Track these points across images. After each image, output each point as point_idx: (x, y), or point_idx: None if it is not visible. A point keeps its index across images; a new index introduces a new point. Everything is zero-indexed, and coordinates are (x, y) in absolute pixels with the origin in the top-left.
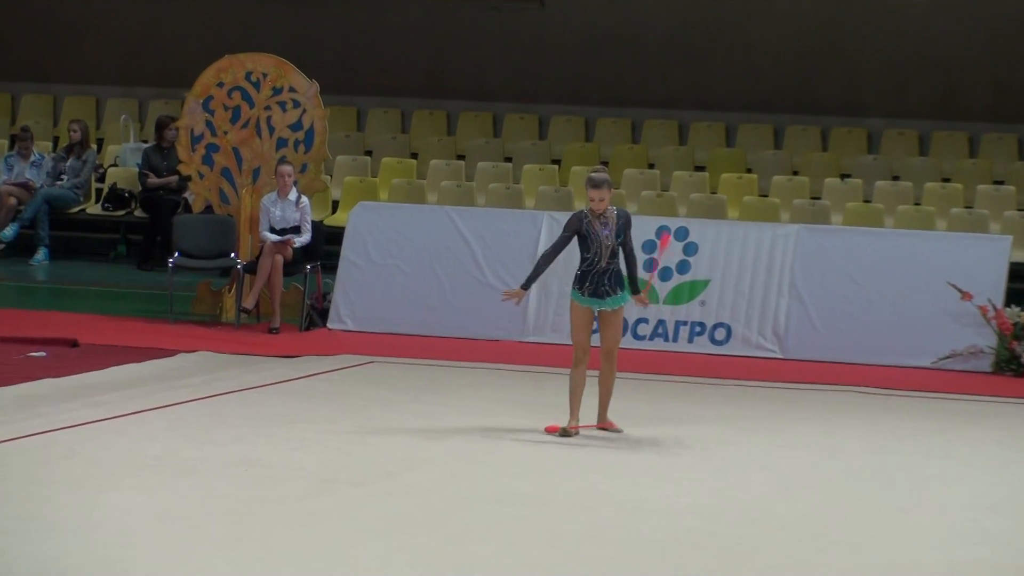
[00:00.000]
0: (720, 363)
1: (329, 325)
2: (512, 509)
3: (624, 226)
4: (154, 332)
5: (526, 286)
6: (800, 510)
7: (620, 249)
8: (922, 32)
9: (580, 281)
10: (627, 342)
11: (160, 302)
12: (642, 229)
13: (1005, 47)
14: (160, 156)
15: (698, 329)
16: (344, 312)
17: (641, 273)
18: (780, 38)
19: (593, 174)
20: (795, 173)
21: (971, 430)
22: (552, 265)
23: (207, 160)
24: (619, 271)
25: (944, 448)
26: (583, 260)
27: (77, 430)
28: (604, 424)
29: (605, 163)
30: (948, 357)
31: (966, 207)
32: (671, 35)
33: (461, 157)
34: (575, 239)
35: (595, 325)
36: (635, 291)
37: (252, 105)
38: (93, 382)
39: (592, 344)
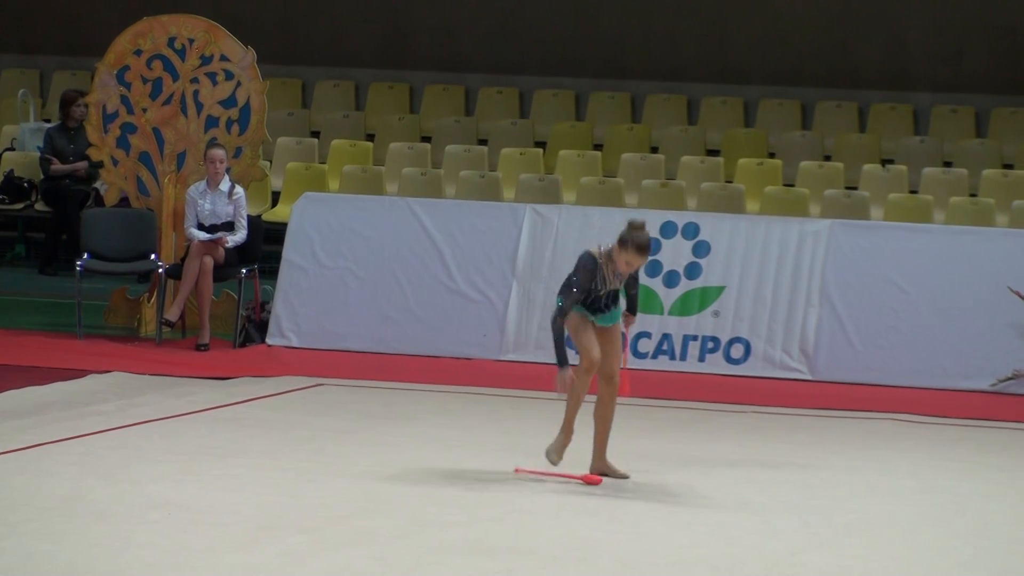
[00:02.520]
0: (737, 385)
1: (268, 341)
2: (488, 562)
3: (634, 277)
4: (59, 349)
5: (563, 364)
6: (837, 563)
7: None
8: None
9: (583, 302)
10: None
11: (66, 313)
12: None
13: None
14: (66, 138)
15: (711, 345)
16: (286, 325)
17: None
18: None
19: (637, 233)
20: (827, 158)
21: None
22: (537, 270)
23: (122, 143)
24: (617, 292)
25: (1007, 488)
26: (580, 291)
27: None
28: (603, 470)
29: (599, 146)
30: (1010, 379)
31: None
32: None
33: (426, 139)
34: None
35: None
36: (631, 311)
37: (176, 77)
38: None
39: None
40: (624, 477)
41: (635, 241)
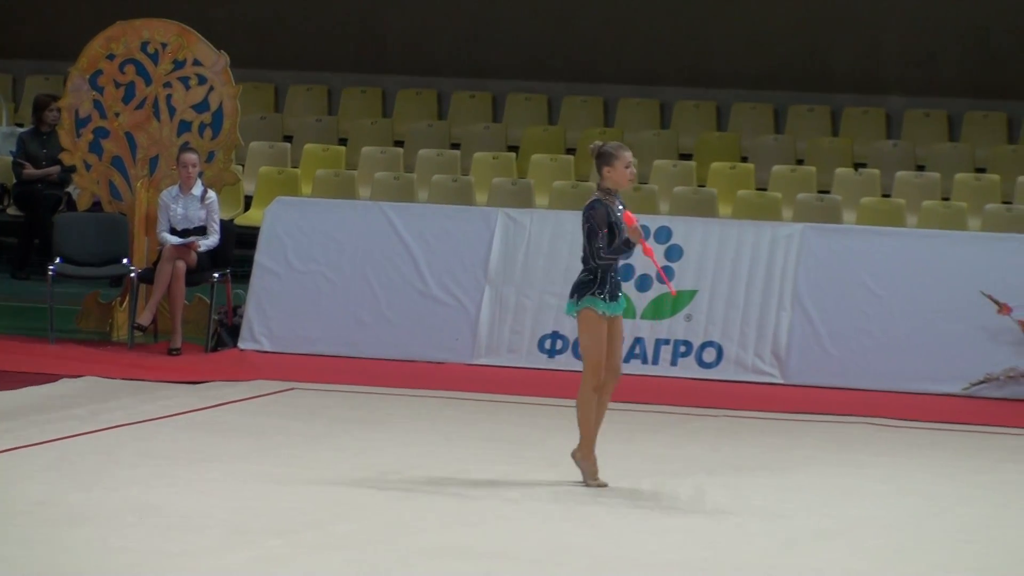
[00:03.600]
0: (709, 390)
1: (240, 345)
2: (464, 565)
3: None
4: (31, 353)
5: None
6: (810, 566)
7: None
8: None
9: (600, 285)
10: None
11: (38, 317)
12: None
13: None
14: (38, 143)
15: (683, 349)
16: (259, 329)
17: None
18: (782, 0)
19: (606, 143)
20: (799, 162)
21: (1011, 469)
22: (509, 274)
23: (95, 147)
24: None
25: (979, 491)
26: (602, 258)
27: None
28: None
29: (571, 150)
30: (983, 382)
31: (1004, 202)
32: None
33: (399, 143)
34: (587, 237)
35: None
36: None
37: (149, 81)
38: None
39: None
40: (602, 485)
41: (612, 145)
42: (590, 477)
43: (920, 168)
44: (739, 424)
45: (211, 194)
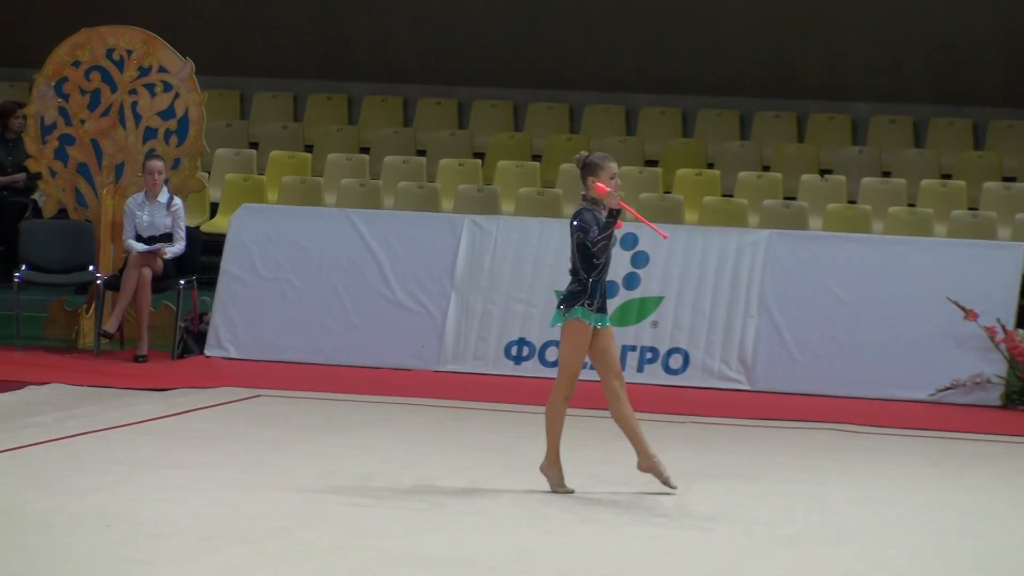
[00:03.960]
0: (676, 396)
1: (207, 352)
2: (428, 573)
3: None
4: None
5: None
6: (775, 573)
7: None
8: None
9: (590, 295)
10: None
11: (4, 324)
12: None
13: (1017, 17)
14: (4, 150)
15: (649, 355)
16: (225, 336)
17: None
18: (747, 6)
19: (591, 154)
20: (765, 168)
21: (976, 475)
22: (476, 280)
23: (60, 154)
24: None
25: (944, 497)
26: (592, 268)
27: None
28: (650, 467)
29: (537, 157)
30: (949, 388)
31: (970, 208)
32: (618, 4)
33: (365, 150)
34: (576, 247)
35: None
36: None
37: (114, 88)
38: None
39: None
40: (569, 492)
41: (597, 156)
42: (557, 484)
43: (886, 174)
44: (705, 431)
45: (177, 201)
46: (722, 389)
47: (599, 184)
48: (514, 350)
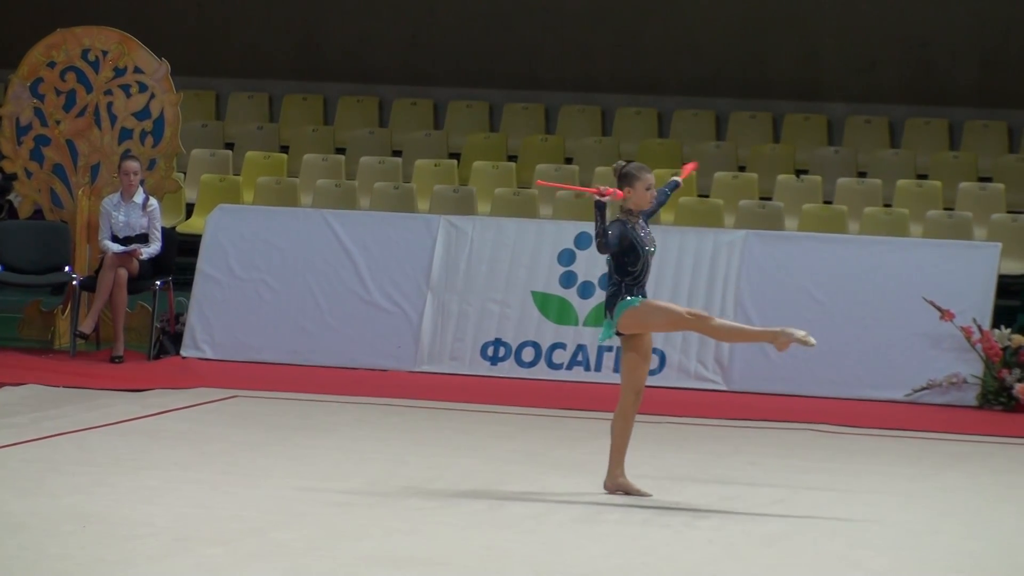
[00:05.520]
0: (652, 396)
1: (183, 352)
2: (404, 573)
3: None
4: None
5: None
6: (752, 573)
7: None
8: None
9: (628, 289)
10: (540, 372)
11: None
12: (559, 237)
13: (992, 18)
14: None
15: None
16: (201, 337)
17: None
18: (723, 6)
19: (628, 164)
20: (741, 169)
21: (952, 475)
22: (452, 281)
23: (36, 155)
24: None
25: (920, 497)
26: (628, 275)
27: None
28: (618, 485)
29: (513, 157)
30: (925, 388)
31: (946, 209)
32: (593, 3)
33: (341, 151)
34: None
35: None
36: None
37: (90, 89)
38: None
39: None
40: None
41: (634, 166)
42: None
43: (862, 175)
44: (682, 431)
45: (153, 202)
46: (698, 389)
47: (612, 190)
48: (490, 350)
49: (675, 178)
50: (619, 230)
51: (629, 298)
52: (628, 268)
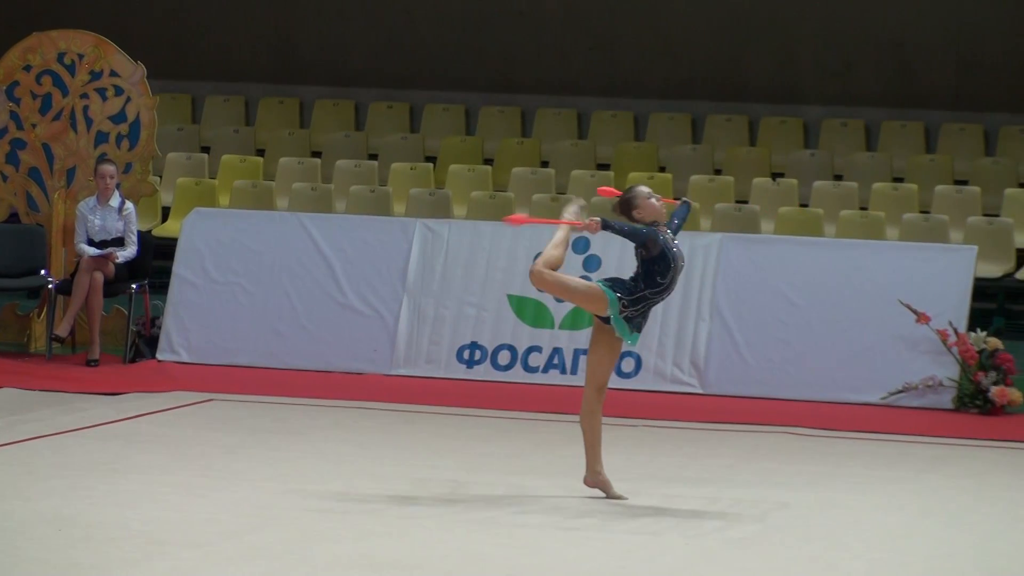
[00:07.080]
0: (628, 399)
1: (159, 356)
2: None
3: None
4: None
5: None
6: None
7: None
8: (869, 2)
9: (634, 304)
10: (516, 375)
11: None
12: (535, 240)
13: (968, 21)
14: None
15: None
16: (177, 340)
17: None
18: (699, 9)
19: (631, 190)
20: (717, 172)
21: (929, 478)
22: (428, 284)
23: (11, 159)
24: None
25: (897, 500)
26: (656, 285)
27: None
28: (596, 483)
29: (489, 160)
30: (901, 391)
31: (922, 212)
32: (569, 7)
33: (317, 154)
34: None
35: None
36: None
37: (66, 92)
38: None
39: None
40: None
41: (626, 196)
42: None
43: (838, 178)
44: (657, 434)
45: (129, 205)
46: (674, 392)
47: (587, 221)
48: (466, 354)
49: (683, 199)
50: (654, 232)
51: (619, 305)
52: (657, 279)
